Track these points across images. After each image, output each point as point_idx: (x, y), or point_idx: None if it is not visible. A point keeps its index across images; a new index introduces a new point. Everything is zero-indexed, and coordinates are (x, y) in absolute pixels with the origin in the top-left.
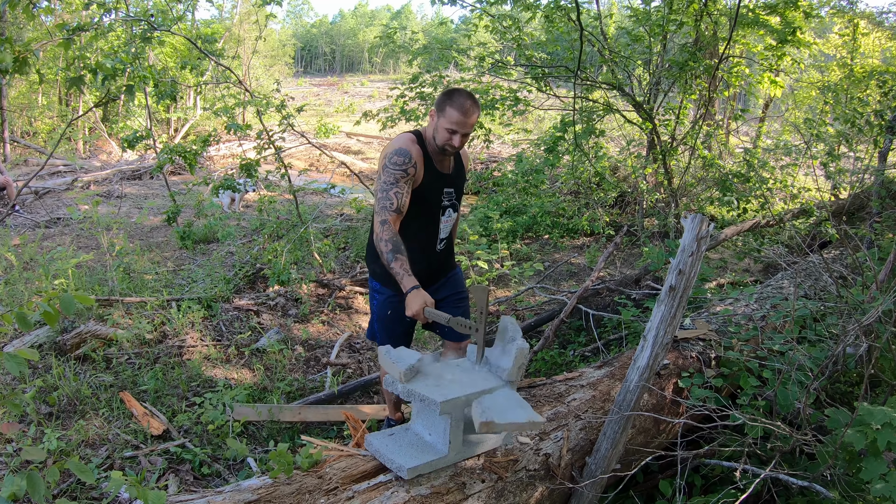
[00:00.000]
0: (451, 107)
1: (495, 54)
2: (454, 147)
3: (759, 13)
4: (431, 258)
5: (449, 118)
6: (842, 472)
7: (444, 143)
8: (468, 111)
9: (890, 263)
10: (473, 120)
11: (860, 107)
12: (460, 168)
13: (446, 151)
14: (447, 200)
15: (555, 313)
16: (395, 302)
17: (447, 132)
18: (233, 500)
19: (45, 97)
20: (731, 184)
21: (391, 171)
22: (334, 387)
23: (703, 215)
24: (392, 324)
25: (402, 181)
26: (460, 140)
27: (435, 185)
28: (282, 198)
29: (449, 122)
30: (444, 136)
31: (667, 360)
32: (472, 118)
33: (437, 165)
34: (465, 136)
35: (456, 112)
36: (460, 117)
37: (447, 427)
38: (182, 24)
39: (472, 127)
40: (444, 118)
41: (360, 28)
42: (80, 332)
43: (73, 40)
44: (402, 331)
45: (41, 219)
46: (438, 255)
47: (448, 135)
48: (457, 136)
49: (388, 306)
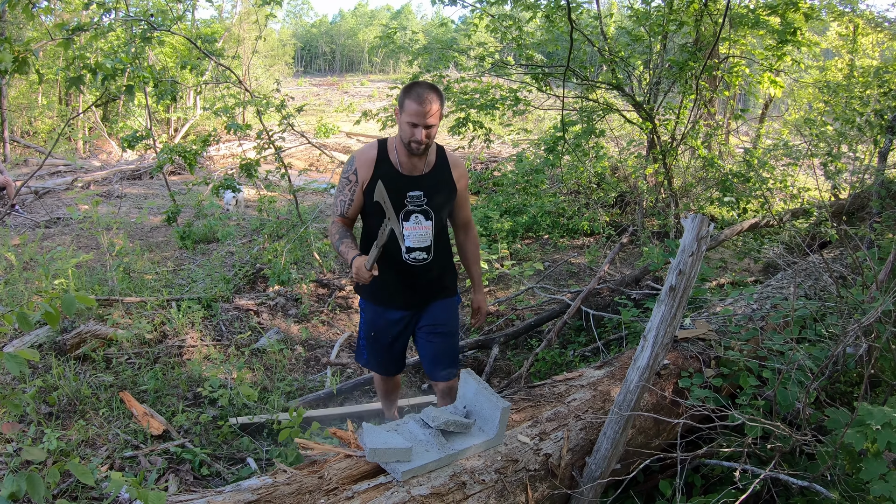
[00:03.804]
0: (408, 99)
1: (495, 54)
2: (418, 142)
3: (760, 13)
4: (402, 270)
5: (408, 111)
6: (842, 472)
7: (408, 140)
8: (425, 100)
9: (890, 263)
10: (434, 109)
11: (860, 107)
12: (441, 174)
13: (412, 149)
14: (413, 205)
15: (555, 313)
16: (381, 322)
17: (408, 126)
18: (233, 500)
19: (45, 97)
20: (731, 184)
21: (340, 179)
22: (334, 386)
23: (704, 215)
24: (378, 344)
25: (346, 188)
26: (423, 134)
27: (391, 187)
28: (282, 198)
29: (408, 115)
30: (406, 132)
31: (667, 360)
32: (431, 107)
33: (399, 167)
34: (428, 129)
35: (413, 103)
36: (417, 108)
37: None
38: (182, 24)
39: (434, 118)
40: (404, 113)
41: (359, 28)
42: (80, 332)
43: (73, 40)
44: (388, 355)
45: (41, 219)
46: (413, 269)
47: (410, 129)
48: (419, 130)
49: (371, 326)
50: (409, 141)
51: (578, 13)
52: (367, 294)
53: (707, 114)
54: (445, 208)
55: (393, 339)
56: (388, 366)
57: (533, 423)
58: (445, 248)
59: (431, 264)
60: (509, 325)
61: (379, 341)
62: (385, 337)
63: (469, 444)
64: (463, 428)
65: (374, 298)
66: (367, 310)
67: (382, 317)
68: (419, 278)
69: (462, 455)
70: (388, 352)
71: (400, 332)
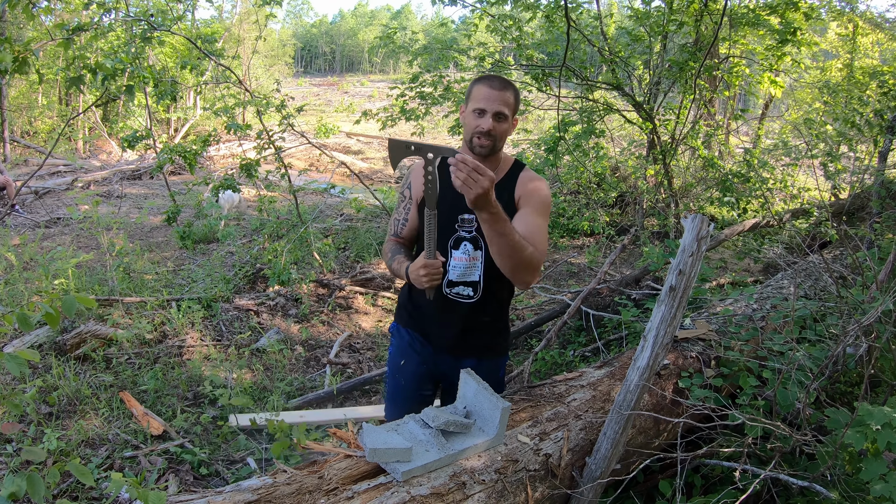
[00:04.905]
0: (477, 84)
1: (495, 54)
2: (483, 132)
3: (760, 13)
4: (442, 305)
5: (475, 97)
6: (842, 472)
7: (472, 133)
8: (497, 85)
9: (890, 263)
10: (508, 97)
11: (860, 107)
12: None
13: (475, 147)
14: (465, 230)
15: (555, 313)
16: (413, 351)
17: (474, 115)
18: (233, 500)
19: (45, 97)
20: (731, 184)
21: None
22: (333, 385)
23: (704, 215)
24: (403, 377)
25: (401, 205)
26: (491, 122)
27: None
28: (282, 198)
29: (475, 101)
30: (471, 124)
31: (667, 360)
32: (504, 93)
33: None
34: (498, 118)
35: (483, 87)
36: (488, 91)
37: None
38: (182, 24)
39: (506, 106)
40: (471, 101)
41: (359, 28)
42: (80, 332)
43: (73, 40)
44: (414, 399)
45: (41, 219)
46: (455, 305)
47: (475, 119)
48: (486, 117)
49: (400, 354)
50: (472, 135)
51: (578, 13)
52: (403, 318)
53: (707, 114)
54: None
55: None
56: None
57: (533, 423)
58: (501, 288)
59: (478, 305)
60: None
61: (407, 374)
62: (416, 367)
63: (469, 445)
64: (463, 428)
65: (411, 321)
66: (397, 336)
67: (413, 346)
68: (460, 317)
69: (462, 455)
70: (413, 391)
71: (429, 373)
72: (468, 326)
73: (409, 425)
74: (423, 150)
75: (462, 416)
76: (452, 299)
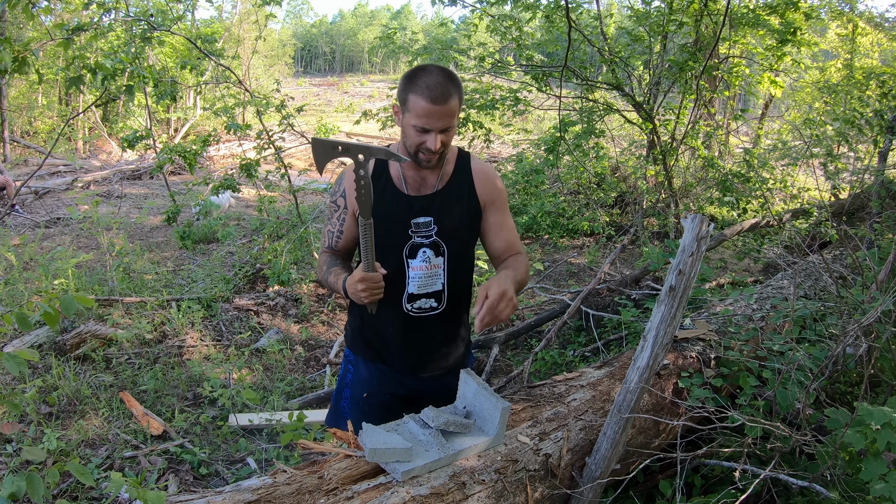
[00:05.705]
0: (414, 93)
1: (495, 54)
2: (430, 151)
3: (760, 13)
4: (407, 322)
5: (414, 110)
6: (842, 472)
7: (415, 149)
8: (438, 94)
9: (890, 263)
10: (451, 106)
11: (860, 107)
12: (460, 189)
13: (422, 161)
14: (421, 236)
15: (555, 313)
16: (377, 383)
17: (415, 132)
18: (233, 500)
19: (45, 97)
20: (731, 184)
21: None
22: (333, 385)
23: (704, 215)
24: (371, 408)
25: (334, 215)
26: (436, 140)
27: (391, 213)
28: (282, 198)
29: (415, 115)
30: (413, 139)
31: (667, 361)
32: (447, 103)
33: (403, 184)
34: (445, 134)
35: (422, 100)
36: (428, 105)
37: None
38: (182, 24)
39: (451, 117)
40: (408, 112)
41: (359, 28)
42: (80, 332)
43: (73, 40)
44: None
45: (41, 219)
46: (419, 322)
47: (417, 135)
48: (431, 136)
49: (364, 385)
50: (416, 152)
51: (578, 13)
52: (360, 347)
53: (707, 114)
54: (465, 238)
55: (393, 403)
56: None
57: (533, 423)
58: (465, 294)
59: (445, 316)
60: (509, 325)
61: (373, 405)
62: (382, 397)
63: (469, 445)
64: (463, 428)
65: (369, 352)
66: (354, 366)
67: (375, 378)
68: (427, 334)
69: (462, 455)
70: (383, 419)
71: (398, 397)
72: (436, 342)
73: (409, 425)
74: (353, 150)
75: (462, 415)
76: (415, 316)
